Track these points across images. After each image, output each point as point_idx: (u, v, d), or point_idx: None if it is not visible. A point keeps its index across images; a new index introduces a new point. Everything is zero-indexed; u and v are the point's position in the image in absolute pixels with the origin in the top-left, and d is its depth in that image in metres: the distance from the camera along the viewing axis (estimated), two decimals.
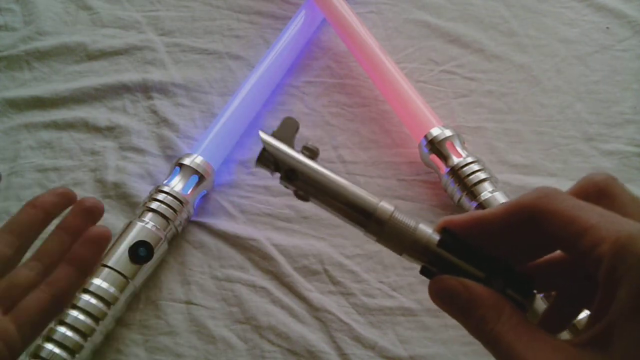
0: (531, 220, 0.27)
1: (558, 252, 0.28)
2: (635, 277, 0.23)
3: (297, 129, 0.30)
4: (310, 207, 0.56)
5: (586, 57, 0.65)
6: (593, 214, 0.25)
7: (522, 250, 0.29)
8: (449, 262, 0.27)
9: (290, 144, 0.30)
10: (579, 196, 0.27)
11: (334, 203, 0.29)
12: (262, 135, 0.29)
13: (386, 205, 0.29)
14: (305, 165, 0.29)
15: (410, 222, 0.28)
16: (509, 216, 0.28)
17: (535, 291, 0.27)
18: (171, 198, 0.52)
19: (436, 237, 0.28)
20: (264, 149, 0.29)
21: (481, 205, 0.51)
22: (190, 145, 0.59)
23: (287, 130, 0.30)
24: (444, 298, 0.27)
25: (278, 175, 0.30)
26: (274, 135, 0.30)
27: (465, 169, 0.53)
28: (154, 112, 0.61)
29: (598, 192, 0.28)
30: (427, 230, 0.28)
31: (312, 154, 0.30)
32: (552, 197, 0.27)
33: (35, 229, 0.40)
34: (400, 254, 0.29)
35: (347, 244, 0.54)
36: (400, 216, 0.28)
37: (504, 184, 0.56)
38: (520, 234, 0.28)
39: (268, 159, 0.30)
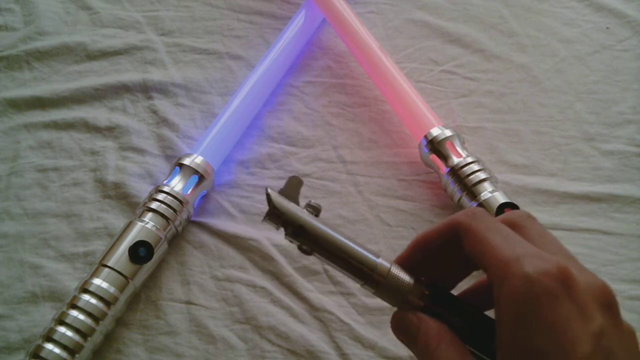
0: (458, 238, 0.29)
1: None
2: (510, 307, 0.25)
3: (301, 186, 0.32)
4: None
5: (586, 57, 0.65)
6: (498, 236, 0.28)
7: (456, 271, 0.31)
8: (436, 312, 0.30)
9: (296, 202, 0.31)
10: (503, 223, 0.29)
11: (337, 259, 0.31)
12: (271, 192, 0.31)
13: (384, 263, 0.31)
14: (311, 223, 0.31)
15: (405, 277, 0.31)
16: (443, 231, 0.30)
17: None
18: (171, 198, 0.52)
19: (426, 292, 0.31)
20: (272, 206, 0.30)
21: (481, 205, 0.51)
22: (190, 145, 0.59)
23: (293, 189, 0.31)
24: (401, 329, 0.31)
25: (282, 229, 0.31)
26: (281, 193, 0.31)
27: (465, 169, 0.53)
28: (154, 112, 0.61)
29: (512, 225, 0.29)
30: (419, 286, 0.31)
31: (316, 211, 0.32)
32: (474, 217, 0.29)
33: None
34: (395, 305, 0.31)
35: None
36: (397, 274, 0.31)
37: (504, 184, 0.56)
38: (452, 252, 0.30)
39: (275, 216, 0.30)
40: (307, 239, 0.31)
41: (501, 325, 0.26)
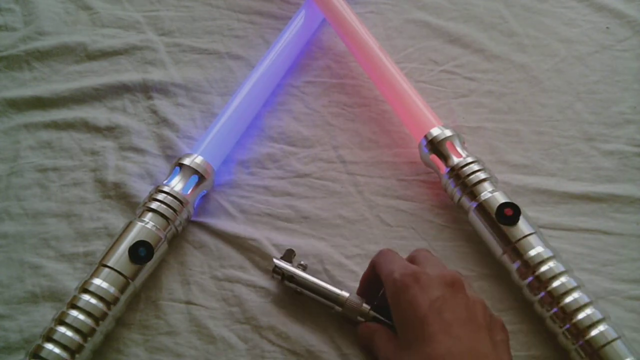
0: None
1: None
2: (390, 299, 0.44)
3: (294, 254, 0.51)
4: (310, 207, 0.56)
5: (586, 57, 0.65)
6: (386, 262, 0.46)
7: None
8: (380, 319, 0.48)
9: (290, 262, 0.51)
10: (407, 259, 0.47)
11: (317, 294, 0.49)
12: (275, 260, 0.50)
13: (345, 293, 0.49)
14: (298, 273, 0.50)
15: (358, 301, 0.49)
16: (368, 271, 0.48)
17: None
18: (171, 198, 0.52)
19: (368, 307, 0.49)
20: (274, 266, 0.50)
21: (481, 206, 0.51)
22: (190, 145, 0.59)
23: (289, 256, 0.51)
24: (361, 337, 0.48)
25: (284, 279, 0.50)
26: (281, 258, 0.51)
27: (465, 169, 0.52)
28: (154, 112, 0.61)
29: (410, 259, 0.47)
30: (366, 306, 0.49)
31: (304, 267, 0.50)
32: (379, 254, 0.48)
33: None
34: (355, 319, 0.49)
35: (347, 244, 0.54)
36: (352, 299, 0.49)
37: (504, 184, 0.56)
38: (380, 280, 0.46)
39: (278, 272, 0.50)
40: (296, 283, 0.49)
41: (391, 310, 0.44)
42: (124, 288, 0.48)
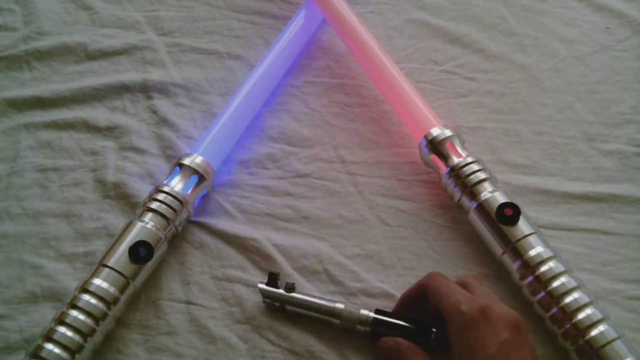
0: (424, 294, 0.47)
1: None
2: (454, 332, 0.43)
3: (279, 276, 0.50)
4: (310, 207, 0.56)
5: (586, 57, 0.65)
6: (446, 289, 0.45)
7: (435, 315, 0.45)
8: (382, 321, 0.47)
9: (276, 286, 0.49)
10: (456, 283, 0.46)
11: (311, 310, 0.49)
12: (259, 285, 0.50)
13: (341, 305, 0.48)
14: (287, 299, 0.49)
15: (354, 310, 0.48)
16: (414, 291, 0.48)
17: (433, 336, 0.46)
18: (171, 198, 0.52)
19: (372, 313, 0.48)
20: (263, 295, 0.49)
21: (481, 206, 0.51)
22: (190, 145, 0.59)
23: (273, 280, 0.49)
24: (385, 351, 0.46)
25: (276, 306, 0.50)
26: (267, 284, 0.49)
27: (465, 169, 0.52)
28: (154, 112, 0.61)
29: (462, 284, 0.46)
30: (364, 312, 0.48)
31: (291, 287, 0.49)
32: (431, 278, 0.47)
33: None
34: (355, 328, 0.48)
35: (347, 244, 0.54)
36: (348, 308, 0.48)
37: (504, 184, 0.56)
38: (426, 304, 0.46)
39: (266, 295, 0.49)
40: (290, 308, 0.49)
41: (451, 342, 0.43)
42: (124, 288, 0.48)
